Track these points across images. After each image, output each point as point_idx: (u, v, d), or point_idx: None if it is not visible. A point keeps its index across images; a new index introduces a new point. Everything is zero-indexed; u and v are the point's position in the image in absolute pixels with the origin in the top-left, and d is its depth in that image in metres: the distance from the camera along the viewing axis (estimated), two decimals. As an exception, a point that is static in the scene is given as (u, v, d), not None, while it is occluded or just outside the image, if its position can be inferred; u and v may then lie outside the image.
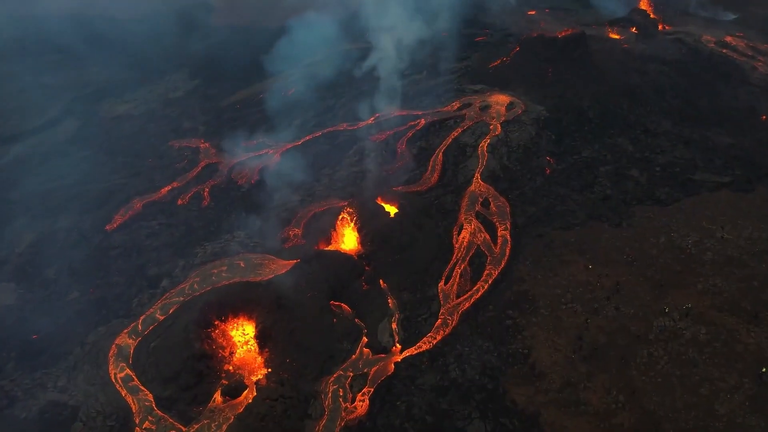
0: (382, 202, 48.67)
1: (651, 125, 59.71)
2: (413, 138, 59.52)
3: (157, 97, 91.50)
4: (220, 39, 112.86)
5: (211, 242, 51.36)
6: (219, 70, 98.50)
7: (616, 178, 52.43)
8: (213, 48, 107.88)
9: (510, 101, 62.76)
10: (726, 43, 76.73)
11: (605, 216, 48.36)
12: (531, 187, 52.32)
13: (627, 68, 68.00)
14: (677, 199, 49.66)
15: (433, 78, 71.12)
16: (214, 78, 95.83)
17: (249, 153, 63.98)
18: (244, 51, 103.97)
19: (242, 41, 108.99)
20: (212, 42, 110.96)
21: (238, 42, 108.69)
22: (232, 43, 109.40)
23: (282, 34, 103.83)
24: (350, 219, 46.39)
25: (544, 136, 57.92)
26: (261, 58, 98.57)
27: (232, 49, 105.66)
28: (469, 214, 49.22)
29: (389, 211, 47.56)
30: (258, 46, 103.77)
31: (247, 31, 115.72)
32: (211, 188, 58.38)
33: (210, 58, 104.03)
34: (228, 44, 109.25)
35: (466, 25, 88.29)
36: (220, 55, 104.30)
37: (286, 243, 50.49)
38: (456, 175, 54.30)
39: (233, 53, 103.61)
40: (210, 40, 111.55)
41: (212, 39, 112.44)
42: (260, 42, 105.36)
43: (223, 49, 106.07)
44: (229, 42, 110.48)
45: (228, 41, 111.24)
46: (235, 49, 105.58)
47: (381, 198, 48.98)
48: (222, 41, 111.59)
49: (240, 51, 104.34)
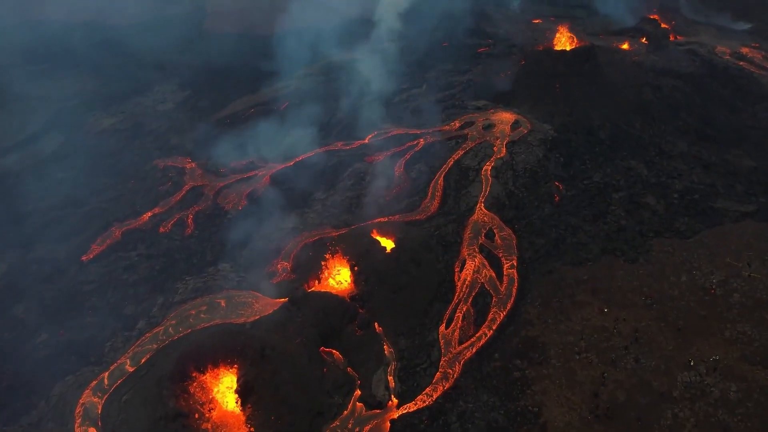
0: (377, 236, 44.85)
1: (666, 146, 55.89)
2: (411, 160, 55.75)
3: (145, 109, 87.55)
4: (214, 47, 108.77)
5: (194, 276, 47.58)
6: (211, 79, 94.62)
7: (631, 206, 48.59)
8: (205, 56, 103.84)
9: (515, 119, 58.96)
10: (742, 55, 72.93)
11: (620, 250, 44.53)
12: (539, 216, 48.49)
13: (638, 83, 64.15)
14: (698, 230, 45.83)
15: (432, 92, 67.27)
16: (206, 88, 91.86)
17: (237, 174, 60.21)
18: (238, 59, 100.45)
19: (236, 49, 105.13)
20: (205, 50, 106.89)
21: (232, 50, 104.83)
22: (225, 51, 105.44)
23: (277, 41, 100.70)
24: (342, 255, 42.54)
25: (552, 158, 54.10)
26: (255, 67, 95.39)
27: (225, 58, 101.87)
28: (472, 248, 45.39)
29: (385, 245, 43.71)
30: (252, 55, 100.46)
31: (241, 38, 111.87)
32: (195, 214, 54.55)
33: (202, 67, 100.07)
34: (221, 52, 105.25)
35: (468, 35, 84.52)
36: (213, 63, 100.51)
37: (274, 278, 46.68)
38: (458, 202, 50.49)
39: (226, 62, 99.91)
40: (203, 48, 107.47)
41: (205, 47, 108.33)
42: (255, 50, 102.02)
43: (216, 57, 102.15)
44: (223, 50, 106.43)
45: (222, 49, 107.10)
46: (229, 57, 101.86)
47: (376, 231, 45.14)
48: (215, 49, 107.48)
49: (234, 59, 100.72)
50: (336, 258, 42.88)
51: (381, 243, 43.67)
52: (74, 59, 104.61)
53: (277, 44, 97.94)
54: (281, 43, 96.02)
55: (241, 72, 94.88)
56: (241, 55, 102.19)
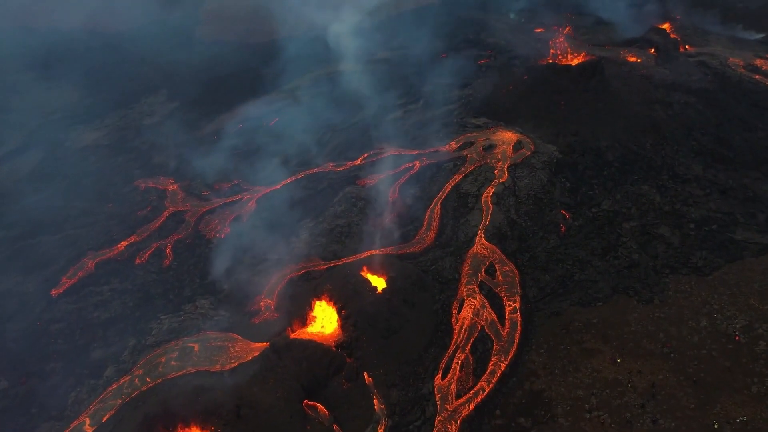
0: (367, 273, 41.11)
1: (679, 169, 52.14)
2: (407, 184, 52.05)
3: (130, 123, 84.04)
4: (206, 55, 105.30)
5: (169, 315, 43.91)
6: (201, 90, 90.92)
7: (644, 238, 44.81)
8: (197, 65, 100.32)
9: (518, 139, 55.23)
10: (756, 67, 69.16)
11: (633, 289, 40.76)
12: (544, 249, 44.74)
13: (648, 99, 60.40)
14: (717, 266, 42.05)
15: (430, 109, 63.58)
16: (195, 100, 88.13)
17: (221, 198, 56.56)
18: (231, 69, 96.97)
19: (229, 58, 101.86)
20: (197, 58, 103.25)
21: (225, 59, 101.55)
22: (218, 60, 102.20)
23: (271, 51, 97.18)
24: (329, 297, 38.81)
25: (558, 183, 50.37)
26: (247, 77, 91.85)
27: (217, 67, 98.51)
28: (471, 285, 41.64)
29: (376, 285, 39.96)
30: (246, 64, 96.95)
31: (235, 46, 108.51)
32: (174, 243, 50.90)
33: (193, 77, 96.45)
34: (214, 61, 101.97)
35: (468, 46, 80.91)
36: (205, 73, 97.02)
37: (256, 316, 43.02)
38: (456, 232, 46.77)
39: (218, 71, 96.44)
40: (195, 57, 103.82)
41: (198, 55, 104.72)
42: (248, 59, 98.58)
43: (209, 66, 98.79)
44: (216, 59, 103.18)
45: (214, 58, 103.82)
46: (221, 66, 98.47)
47: (367, 268, 41.39)
48: (208, 58, 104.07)
49: (226, 68, 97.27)
50: (322, 299, 39.15)
51: (371, 282, 39.94)
52: (65, 67, 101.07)
53: (271, 53, 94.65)
54: (276, 53, 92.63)
55: (232, 82, 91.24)
56: (234, 64, 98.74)
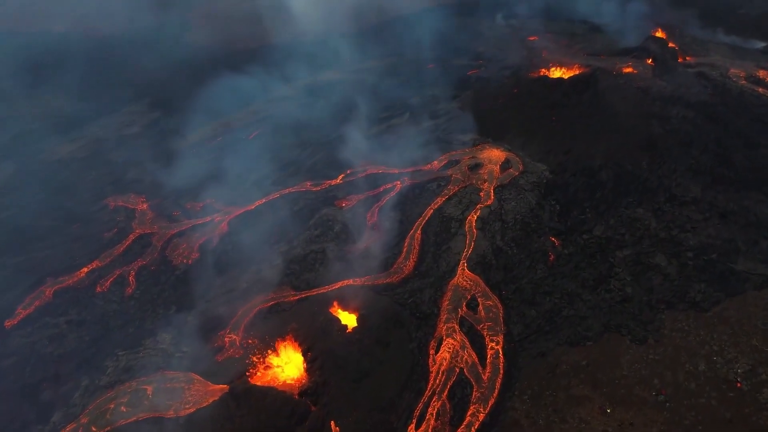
0: (338, 309, 38.01)
1: (677, 190, 48.97)
2: (386, 207, 48.94)
3: (109, 133, 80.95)
4: (193, 61, 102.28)
5: (128, 351, 40.79)
6: (184, 98, 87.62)
7: (638, 268, 41.67)
8: (180, 72, 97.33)
9: (506, 158, 52.17)
10: (758, 79, 66.06)
11: (626, 327, 37.63)
12: (530, 280, 41.61)
13: (645, 113, 57.25)
14: (717, 300, 38.93)
15: (415, 123, 60.49)
16: (177, 109, 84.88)
17: (192, 219, 53.43)
18: (216, 76, 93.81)
19: (215, 65, 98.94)
20: (181, 65, 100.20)
21: (211, 65, 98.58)
22: (204, 67, 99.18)
23: (257, 57, 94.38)
24: (294, 338, 35.71)
25: (547, 206, 47.26)
26: (230, 85, 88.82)
27: (200, 74, 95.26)
28: (451, 322, 38.51)
29: (347, 323, 36.85)
30: (231, 71, 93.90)
31: (221, 53, 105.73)
32: (138, 270, 47.75)
33: (177, 84, 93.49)
34: (198, 68, 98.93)
35: (457, 55, 77.86)
36: (190, 80, 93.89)
37: (220, 353, 39.88)
38: (437, 260, 43.65)
39: (201, 78, 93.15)
40: (179, 63, 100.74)
41: (182, 62, 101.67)
42: (234, 66, 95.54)
43: (192, 73, 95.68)
44: (202, 65, 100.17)
45: (200, 64, 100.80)
46: (207, 73, 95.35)
47: (337, 303, 38.29)
48: (194, 64, 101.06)
49: (211, 76, 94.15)
50: (287, 340, 36.05)
51: (341, 320, 36.81)
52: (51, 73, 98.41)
53: (256, 61, 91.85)
54: (261, 60, 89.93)
55: (217, 90, 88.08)
56: (220, 71, 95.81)
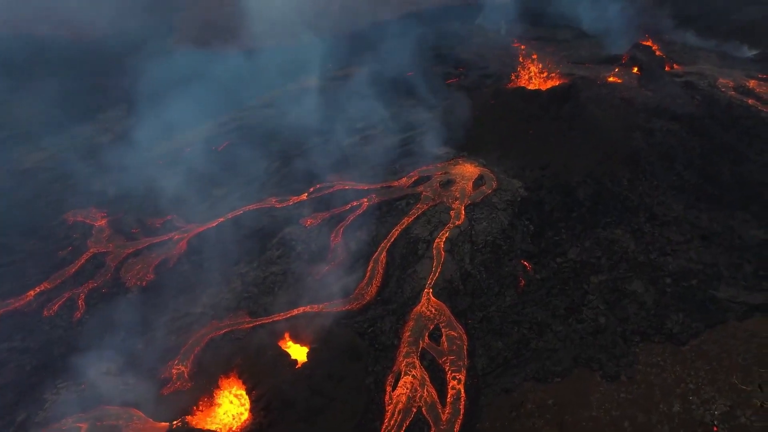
0: (289, 342, 35.54)
1: (658, 209, 46.58)
2: (352, 226, 46.49)
3: (81, 142, 78.61)
4: (175, 66, 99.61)
5: (69, 382, 38.25)
6: (162, 105, 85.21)
7: (613, 296, 39.23)
8: (160, 77, 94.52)
9: (479, 173, 49.74)
10: (747, 89, 63.62)
11: (597, 361, 35.17)
12: (499, 308, 39.16)
13: (628, 126, 54.83)
14: (696, 332, 36.47)
15: (389, 135, 58.08)
16: (153, 116, 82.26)
17: (151, 237, 50.97)
18: (194, 81, 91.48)
19: (197, 70, 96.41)
20: (163, 69, 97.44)
21: (193, 71, 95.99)
22: (186, 73, 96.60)
23: (237, 64, 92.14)
24: (238, 374, 33.24)
25: (520, 226, 44.80)
26: (209, 92, 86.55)
27: (181, 79, 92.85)
28: (411, 355, 36.03)
29: (296, 357, 34.37)
30: (210, 77, 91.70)
31: (205, 58, 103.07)
32: (89, 292, 45.32)
33: (154, 90, 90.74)
34: (179, 72, 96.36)
35: (439, 61, 75.43)
36: (168, 85, 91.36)
37: (166, 386, 37.41)
38: (401, 285, 41.18)
39: (181, 84, 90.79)
40: (161, 67, 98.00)
41: (164, 66, 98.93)
42: (216, 71, 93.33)
43: (173, 78, 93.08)
44: (182, 70, 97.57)
45: (182, 70, 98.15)
46: (189, 79, 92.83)
47: (289, 334, 35.83)
48: (177, 68, 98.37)
49: (190, 81, 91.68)
50: (231, 376, 33.58)
51: (290, 354, 34.32)
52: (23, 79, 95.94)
53: (236, 67, 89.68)
54: (240, 67, 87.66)
55: (195, 97, 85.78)
56: (201, 77, 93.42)
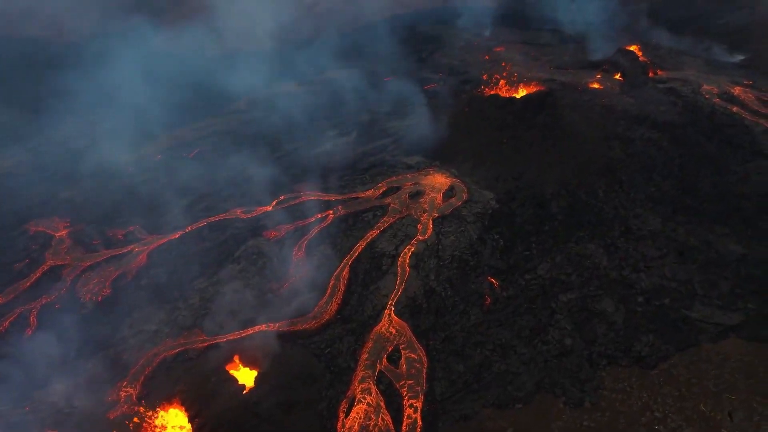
0: (239, 365, 33.86)
1: (634, 222, 44.97)
2: (316, 239, 44.81)
3: (54, 146, 76.76)
4: (158, 68, 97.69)
5: (12, 407, 36.47)
6: (139, 111, 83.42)
7: (581, 315, 37.60)
8: (142, 82, 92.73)
9: (450, 185, 48.11)
10: (732, 97, 61.98)
11: (561, 386, 33.53)
12: (462, 328, 37.51)
13: (606, 135, 53.30)
14: (665, 355, 34.85)
15: (361, 143, 56.47)
16: (131, 122, 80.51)
17: (111, 249, 49.28)
18: (176, 86, 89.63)
19: (177, 73, 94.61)
20: (145, 73, 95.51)
21: (172, 75, 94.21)
22: (169, 75, 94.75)
23: (219, 67, 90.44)
24: (181, 401, 31.56)
25: (489, 241, 43.16)
26: (189, 96, 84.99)
27: (168, 83, 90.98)
28: (366, 380, 34.35)
29: (244, 382, 32.69)
30: (193, 81, 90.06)
31: (189, 59, 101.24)
32: (41, 308, 43.57)
33: (135, 95, 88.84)
34: (161, 77, 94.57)
35: (418, 66, 73.79)
36: (150, 89, 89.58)
37: (112, 410, 35.68)
38: (363, 303, 39.54)
39: (162, 89, 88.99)
40: (144, 72, 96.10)
41: (146, 70, 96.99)
42: (193, 74, 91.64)
43: (159, 81, 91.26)
44: (168, 72, 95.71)
45: (168, 71, 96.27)
46: (167, 83, 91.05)
47: (240, 357, 34.14)
48: (160, 71, 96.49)
49: (172, 86, 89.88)
50: (173, 403, 31.90)
51: (238, 379, 32.64)
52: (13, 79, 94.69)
53: (213, 71, 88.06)
54: (217, 71, 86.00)
55: (170, 102, 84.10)
56: (182, 81, 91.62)
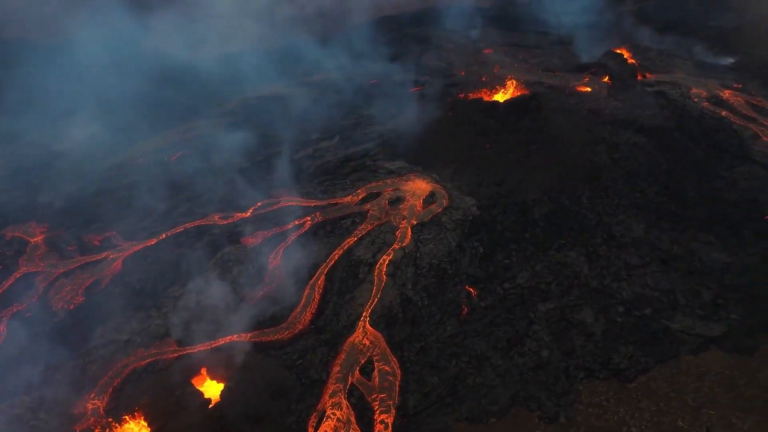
0: (205, 377, 33.02)
1: (617, 229, 44.21)
2: (293, 247, 43.98)
3: (38, 149, 75.78)
4: (143, 72, 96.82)
5: (-24, 418, 35.71)
6: (124, 113, 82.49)
7: (560, 325, 36.80)
8: (123, 85, 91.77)
9: (431, 190, 47.30)
10: (721, 100, 61.26)
11: (536, 400, 32.72)
12: (438, 338, 36.70)
13: (592, 140, 52.55)
14: (645, 368, 34.08)
15: (344, 148, 55.62)
16: (114, 125, 79.42)
17: (86, 255, 48.39)
18: (157, 89, 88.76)
19: (160, 77, 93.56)
20: (127, 76, 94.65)
21: (155, 78, 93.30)
22: (151, 80, 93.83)
23: (207, 69, 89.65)
24: (145, 416, 30.71)
25: (469, 248, 42.34)
26: (171, 99, 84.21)
27: (146, 87, 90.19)
28: (337, 393, 33.50)
29: (210, 396, 31.85)
30: (177, 84, 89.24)
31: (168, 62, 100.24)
32: (12, 317, 42.68)
33: (119, 97, 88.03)
34: (144, 80, 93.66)
35: (405, 69, 72.92)
36: (131, 92, 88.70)
37: (79, 422, 34.83)
38: (338, 312, 38.72)
39: (145, 92, 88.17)
40: (126, 74, 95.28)
41: (129, 72, 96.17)
42: (180, 79, 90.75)
43: (135, 87, 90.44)
44: (152, 75, 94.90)
45: (152, 74, 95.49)
46: (151, 87, 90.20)
47: (207, 369, 33.29)
48: (143, 76, 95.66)
49: (153, 89, 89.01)
50: (137, 418, 31.05)
51: (203, 393, 31.79)
52: None
53: (202, 73, 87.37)
54: (199, 74, 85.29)
55: (157, 105, 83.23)
56: (165, 84, 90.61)
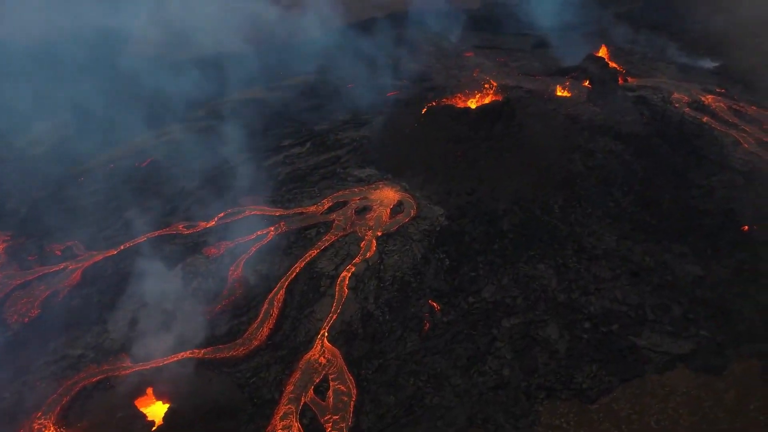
0: (152, 399, 31.79)
1: (588, 240, 43.04)
2: (255, 258, 42.73)
3: (11, 154, 74.50)
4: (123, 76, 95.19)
5: None
6: (97, 117, 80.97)
7: (523, 342, 35.62)
8: (101, 87, 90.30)
9: (399, 199, 46.08)
10: (703, 105, 60.07)
11: (494, 421, 31.56)
12: (398, 355, 35.50)
13: (568, 147, 51.38)
14: (608, 388, 32.92)
15: (315, 154, 54.35)
16: (89, 128, 78.10)
17: (45, 266, 47.08)
18: (137, 92, 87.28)
19: (139, 79, 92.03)
20: (104, 79, 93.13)
21: (134, 80, 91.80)
22: (129, 82, 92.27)
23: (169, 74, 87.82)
24: (81, 440, 29.49)
25: (434, 261, 41.14)
26: (147, 103, 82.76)
27: (122, 90, 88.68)
28: (288, 415, 32.28)
29: (153, 418, 30.62)
30: (157, 87, 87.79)
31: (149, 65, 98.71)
32: (-36, 332, 41.42)
33: (94, 99, 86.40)
34: (123, 82, 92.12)
35: (384, 73, 71.67)
36: (110, 95, 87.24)
37: (25, 444, 33.64)
38: (296, 328, 37.51)
39: (122, 95, 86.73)
40: (105, 76, 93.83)
41: (107, 75, 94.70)
42: (160, 82, 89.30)
43: (114, 88, 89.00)
44: (126, 78, 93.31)
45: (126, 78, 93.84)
46: (128, 89, 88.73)
47: (153, 389, 32.07)
48: (127, 76, 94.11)
49: (132, 92, 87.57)
50: (75, 442, 29.84)
51: (146, 416, 30.57)
52: None
53: (169, 78, 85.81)
54: (173, 78, 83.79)
55: (135, 108, 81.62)
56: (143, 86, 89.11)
